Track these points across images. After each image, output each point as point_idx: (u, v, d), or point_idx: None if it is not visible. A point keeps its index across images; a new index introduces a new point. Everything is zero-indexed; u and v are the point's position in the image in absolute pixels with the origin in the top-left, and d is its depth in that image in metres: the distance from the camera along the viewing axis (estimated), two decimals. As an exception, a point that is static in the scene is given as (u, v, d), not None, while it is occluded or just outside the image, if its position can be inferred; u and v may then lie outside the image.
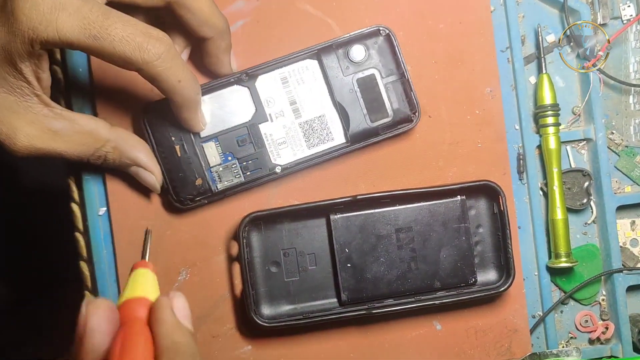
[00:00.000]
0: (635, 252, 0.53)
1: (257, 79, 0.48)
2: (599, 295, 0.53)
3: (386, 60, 0.48)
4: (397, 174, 0.50)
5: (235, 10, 0.49)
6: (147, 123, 0.47)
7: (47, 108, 0.41)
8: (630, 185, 0.53)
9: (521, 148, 0.52)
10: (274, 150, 0.48)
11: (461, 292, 0.49)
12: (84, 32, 0.37)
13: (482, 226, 0.50)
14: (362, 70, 0.48)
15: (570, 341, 0.53)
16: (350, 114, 0.48)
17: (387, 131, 0.49)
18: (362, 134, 0.48)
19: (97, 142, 0.43)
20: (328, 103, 0.48)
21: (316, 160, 0.48)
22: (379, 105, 0.48)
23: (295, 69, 0.48)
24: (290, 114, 0.48)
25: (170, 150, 0.47)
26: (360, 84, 0.48)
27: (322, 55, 0.48)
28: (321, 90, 0.48)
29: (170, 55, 0.40)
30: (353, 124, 0.48)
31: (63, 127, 0.42)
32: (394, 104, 0.48)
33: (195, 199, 0.48)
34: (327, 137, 0.48)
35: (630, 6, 0.52)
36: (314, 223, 0.49)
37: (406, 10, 0.50)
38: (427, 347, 0.51)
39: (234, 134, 0.48)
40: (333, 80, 0.48)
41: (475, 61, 0.51)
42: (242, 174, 0.48)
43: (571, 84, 0.53)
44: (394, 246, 0.49)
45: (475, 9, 0.50)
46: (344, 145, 0.48)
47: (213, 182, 0.47)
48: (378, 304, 0.48)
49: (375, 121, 0.48)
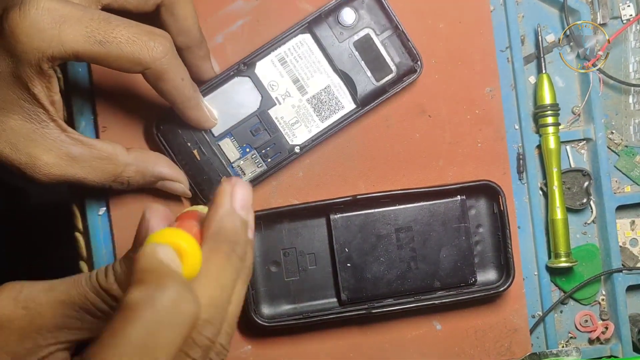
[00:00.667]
0: (634, 251, 0.53)
1: (256, 65, 0.48)
2: (599, 295, 0.53)
3: (377, 17, 0.48)
4: (397, 174, 0.50)
5: (235, 9, 0.49)
6: (161, 136, 0.47)
7: (64, 134, 0.41)
8: (629, 185, 0.53)
9: (521, 148, 0.52)
10: (289, 132, 0.48)
11: (461, 292, 0.49)
12: (90, 39, 0.37)
13: (482, 226, 0.50)
14: (356, 32, 0.48)
15: (570, 341, 0.53)
16: (355, 78, 0.48)
17: (394, 86, 0.49)
18: (371, 95, 0.48)
19: (117, 168, 0.43)
20: (330, 73, 0.48)
21: (332, 132, 0.48)
22: (381, 63, 0.48)
23: (290, 47, 0.48)
24: (296, 93, 0.48)
25: (189, 156, 0.47)
26: (357, 46, 0.48)
27: (314, 27, 0.48)
28: (321, 62, 0.48)
29: (174, 53, 0.40)
30: (360, 88, 0.48)
31: (82, 153, 0.41)
32: (395, 59, 0.48)
33: None
34: (337, 106, 0.48)
35: (630, 6, 0.52)
36: (314, 223, 0.49)
37: (406, 9, 0.50)
38: (427, 347, 0.51)
39: (246, 125, 0.48)
40: (330, 49, 0.48)
41: (475, 61, 0.51)
42: (264, 162, 0.48)
43: (571, 83, 0.53)
44: (394, 246, 0.49)
45: (475, 9, 0.50)
46: (356, 111, 0.48)
47: (237, 176, 0.48)
48: (378, 303, 0.48)
49: (380, 80, 0.48)
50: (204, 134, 0.47)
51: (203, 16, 0.49)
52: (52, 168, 0.40)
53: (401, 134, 0.50)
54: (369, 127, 0.50)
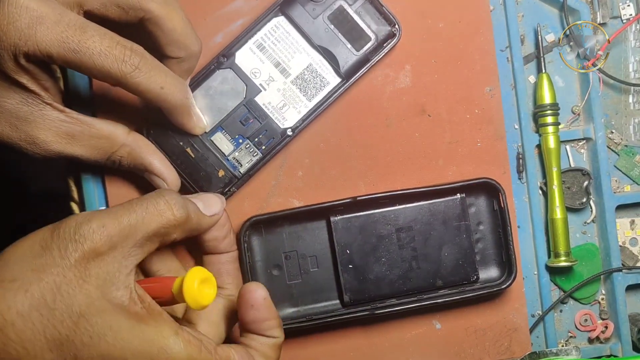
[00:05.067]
0: (634, 251, 0.53)
1: (235, 56, 0.47)
2: (599, 294, 0.54)
3: None
4: (397, 174, 0.50)
5: (235, 9, 0.49)
6: (152, 137, 0.47)
7: (62, 114, 0.42)
8: (629, 185, 0.53)
9: (520, 147, 0.52)
10: (279, 116, 0.48)
11: (463, 290, 0.49)
12: (63, 45, 0.37)
13: (482, 224, 0.50)
14: (329, 6, 0.48)
15: (570, 340, 0.53)
16: (335, 52, 0.48)
17: (376, 53, 0.48)
18: (354, 66, 0.48)
19: (113, 146, 0.44)
20: (310, 51, 0.48)
21: (322, 109, 0.48)
22: (358, 33, 0.48)
23: (266, 32, 0.48)
24: (280, 76, 0.48)
25: (183, 155, 0.47)
26: (332, 20, 0.48)
27: (286, 8, 0.48)
28: (299, 42, 0.48)
29: (147, 65, 0.40)
30: (341, 61, 0.48)
31: (81, 132, 0.42)
32: (372, 26, 0.48)
33: (225, 190, 0.48)
34: (322, 83, 0.48)
35: (630, 5, 0.52)
36: (314, 225, 0.49)
37: (406, 9, 0.50)
38: (427, 346, 0.51)
39: (235, 116, 0.48)
40: (306, 27, 0.48)
41: (474, 60, 0.50)
42: (258, 150, 0.48)
43: (571, 83, 0.53)
44: (395, 246, 0.49)
45: (475, 8, 0.50)
46: (341, 84, 0.48)
47: (234, 168, 0.48)
48: (381, 304, 0.48)
49: (360, 49, 0.48)
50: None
51: (202, 15, 0.48)
52: (50, 145, 0.42)
53: (401, 133, 0.50)
54: (369, 127, 0.50)
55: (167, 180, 0.46)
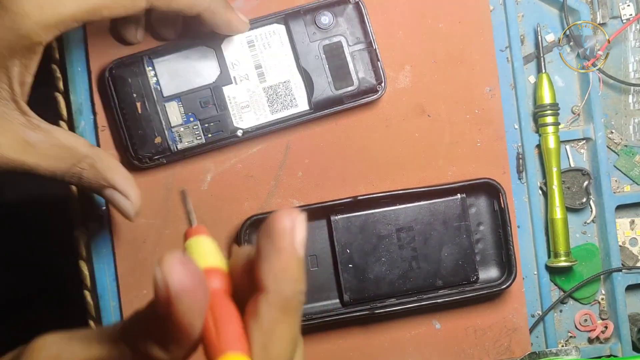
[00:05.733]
0: (634, 251, 0.53)
1: (224, 40, 0.47)
2: (598, 294, 0.54)
3: (354, 29, 0.48)
4: (397, 174, 0.50)
5: (235, 8, 0.49)
6: (111, 79, 0.46)
7: (24, 117, 0.38)
8: (629, 185, 0.53)
9: (520, 147, 0.52)
10: (237, 114, 0.47)
11: (463, 290, 0.49)
12: None
13: (482, 224, 0.50)
14: (329, 37, 0.48)
15: (570, 340, 0.53)
16: (315, 80, 0.48)
17: (352, 100, 0.48)
18: (326, 102, 0.48)
19: (74, 158, 0.40)
20: (293, 69, 0.48)
21: (279, 126, 0.48)
22: (344, 73, 0.48)
23: (262, 32, 0.48)
24: (255, 78, 0.48)
25: (131, 107, 0.46)
26: (326, 50, 0.48)
27: (290, 20, 0.47)
28: (287, 56, 0.48)
29: None
30: (317, 91, 0.48)
31: (39, 140, 0.38)
32: (360, 73, 0.48)
33: (154, 157, 0.47)
34: (291, 103, 0.48)
35: (630, 5, 0.52)
36: (314, 224, 0.49)
37: (406, 9, 0.50)
38: (427, 346, 0.51)
39: (197, 95, 0.47)
40: (299, 46, 0.48)
41: (474, 60, 0.50)
42: (204, 136, 0.47)
43: (571, 83, 0.53)
44: (395, 246, 0.49)
45: (475, 9, 0.50)
46: (308, 112, 0.48)
47: (173, 141, 0.47)
48: (380, 304, 0.48)
49: (339, 89, 0.48)
50: (152, 90, 0.47)
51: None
52: (5, 151, 0.37)
53: (401, 133, 0.50)
54: (368, 127, 0.50)
55: (130, 198, 0.42)
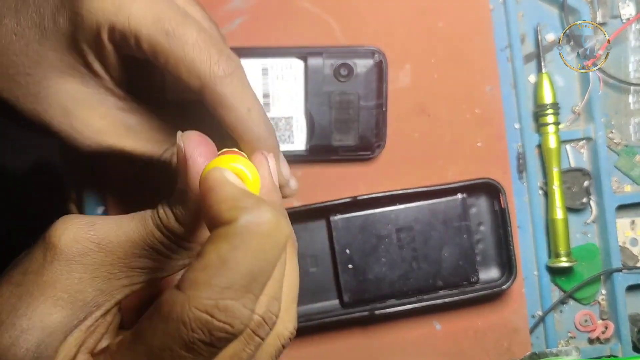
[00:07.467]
0: (634, 251, 0.53)
1: (241, 60, 0.47)
2: (599, 294, 0.53)
3: (370, 86, 0.47)
4: (397, 174, 0.50)
5: (233, 8, 0.49)
6: None
7: (121, 101, 0.38)
8: (629, 185, 0.53)
9: (521, 147, 0.52)
10: None
11: (464, 291, 0.49)
12: (157, 25, 0.33)
13: (483, 224, 0.50)
14: (345, 90, 0.47)
15: (570, 341, 0.53)
16: (317, 125, 0.47)
17: (346, 154, 0.48)
18: (322, 149, 0.48)
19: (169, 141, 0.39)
20: (300, 108, 0.48)
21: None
22: (348, 129, 0.48)
23: (278, 63, 0.47)
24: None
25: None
26: (336, 101, 0.47)
27: (310, 59, 0.47)
28: (298, 93, 0.47)
29: (241, 77, 0.35)
30: (316, 136, 0.47)
31: (138, 123, 0.38)
32: (362, 130, 0.48)
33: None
34: (288, 139, 0.48)
35: (630, 5, 0.52)
36: (313, 225, 0.49)
37: (406, 8, 0.50)
38: (427, 347, 0.51)
39: None
40: (312, 88, 0.47)
41: (474, 60, 0.50)
42: None
43: (571, 83, 0.53)
44: (395, 246, 0.48)
45: (475, 8, 0.50)
46: (302, 153, 0.48)
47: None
48: (380, 304, 0.48)
49: (339, 141, 0.48)
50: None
51: (201, 15, 0.48)
52: (103, 135, 0.37)
53: (401, 133, 0.50)
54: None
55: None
